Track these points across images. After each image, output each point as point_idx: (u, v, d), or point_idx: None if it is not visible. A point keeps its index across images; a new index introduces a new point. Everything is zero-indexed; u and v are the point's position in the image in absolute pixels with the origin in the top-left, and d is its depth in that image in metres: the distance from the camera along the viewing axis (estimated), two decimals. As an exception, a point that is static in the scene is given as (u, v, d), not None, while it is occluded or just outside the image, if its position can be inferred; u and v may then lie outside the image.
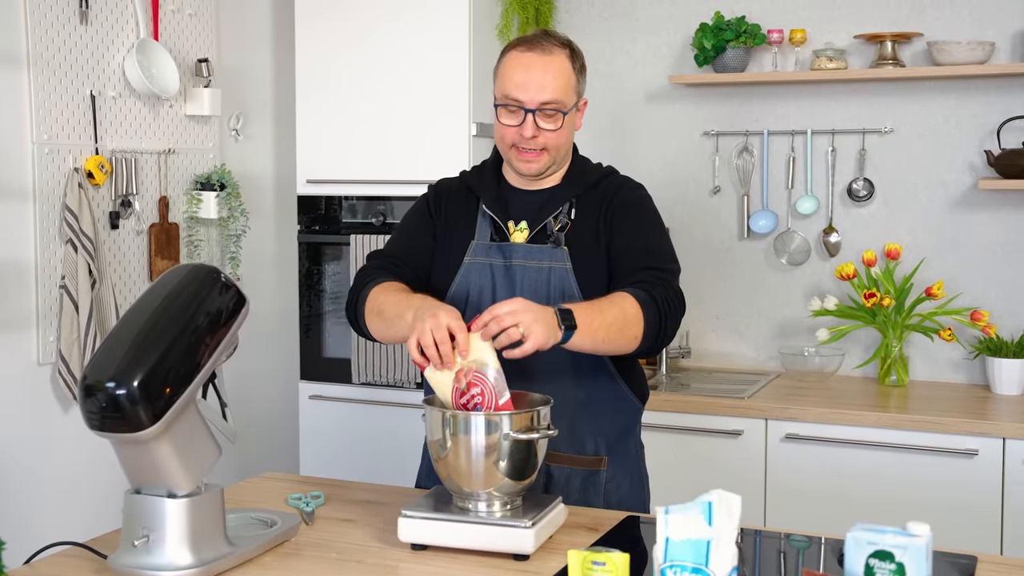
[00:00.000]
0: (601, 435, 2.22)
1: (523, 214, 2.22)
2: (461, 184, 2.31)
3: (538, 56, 2.14)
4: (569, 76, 2.16)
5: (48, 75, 3.21)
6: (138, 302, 1.78)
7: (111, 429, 1.68)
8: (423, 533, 1.87)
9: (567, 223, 2.20)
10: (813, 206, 3.69)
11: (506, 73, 2.16)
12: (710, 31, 3.65)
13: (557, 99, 2.13)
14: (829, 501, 3.15)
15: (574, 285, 2.16)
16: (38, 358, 3.22)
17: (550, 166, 2.20)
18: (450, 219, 2.27)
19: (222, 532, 1.80)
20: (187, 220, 3.69)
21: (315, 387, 3.82)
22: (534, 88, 2.11)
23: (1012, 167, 3.35)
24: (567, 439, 2.17)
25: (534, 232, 2.20)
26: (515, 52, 2.16)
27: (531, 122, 2.12)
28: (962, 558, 1.84)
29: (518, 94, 2.12)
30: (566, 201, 2.21)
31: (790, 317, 3.76)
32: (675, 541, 1.53)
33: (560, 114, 2.14)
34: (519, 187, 2.25)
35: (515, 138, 2.15)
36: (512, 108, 2.14)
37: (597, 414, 2.21)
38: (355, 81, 3.68)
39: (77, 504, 3.30)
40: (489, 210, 2.22)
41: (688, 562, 1.52)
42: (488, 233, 2.22)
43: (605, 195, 2.22)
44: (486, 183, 2.26)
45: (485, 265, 2.20)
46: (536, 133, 2.13)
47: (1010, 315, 3.51)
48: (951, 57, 3.39)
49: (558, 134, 2.15)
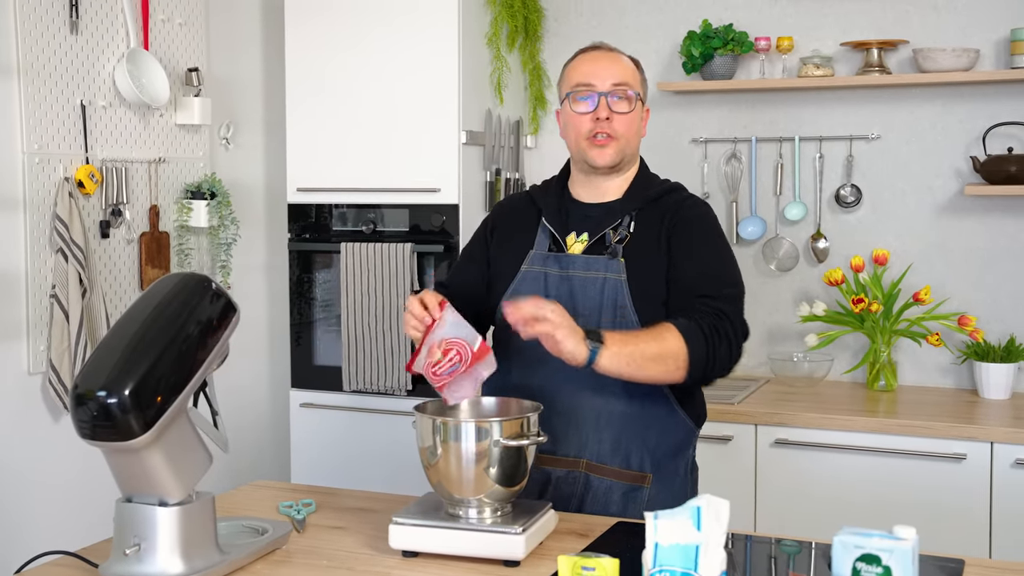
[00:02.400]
0: (648, 452, 2.20)
1: (584, 227, 2.23)
2: (526, 197, 2.35)
3: (604, 52, 2.24)
4: (634, 69, 2.24)
5: (38, 85, 3.21)
6: (129, 311, 1.79)
7: (102, 438, 1.68)
8: (414, 540, 1.88)
9: (627, 236, 2.19)
10: (801, 212, 3.71)
11: (575, 68, 2.23)
12: (698, 39, 3.67)
13: (627, 80, 2.19)
14: (819, 506, 3.17)
15: (627, 296, 2.15)
16: (28, 367, 3.22)
17: (621, 158, 2.20)
18: (509, 232, 2.30)
19: (213, 540, 1.81)
20: (178, 229, 3.70)
21: (306, 395, 3.82)
22: (604, 73, 2.18)
23: (998, 173, 3.37)
24: (610, 452, 2.17)
25: (592, 242, 2.20)
26: (580, 55, 2.25)
27: (604, 104, 2.16)
28: (950, 562, 1.85)
29: (589, 79, 2.18)
30: (627, 214, 2.21)
31: (779, 323, 3.78)
32: (664, 546, 1.54)
33: (632, 95, 2.19)
34: (582, 200, 2.26)
35: (589, 126, 2.17)
36: (583, 95, 2.18)
37: (646, 431, 2.19)
38: (345, 90, 3.69)
39: (68, 513, 3.29)
40: (549, 223, 2.24)
41: (677, 567, 1.53)
42: (547, 244, 2.24)
43: (667, 210, 2.21)
44: (550, 196, 2.29)
45: (540, 273, 2.21)
46: (610, 115, 2.16)
47: (997, 320, 3.53)
48: (937, 64, 3.42)
49: (629, 119, 2.19)
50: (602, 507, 2.17)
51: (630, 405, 2.16)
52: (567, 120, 2.23)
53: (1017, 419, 3.14)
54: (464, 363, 1.91)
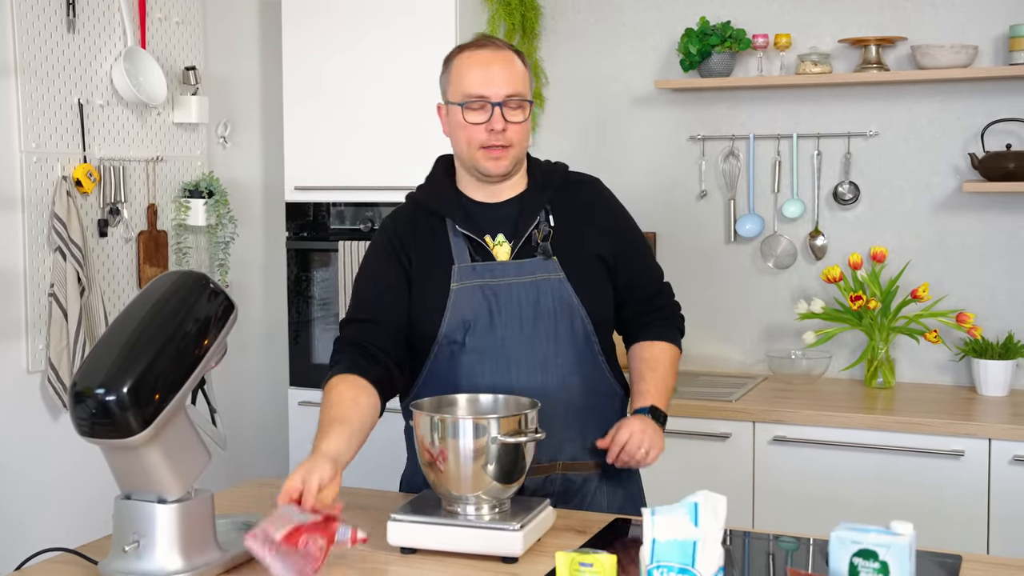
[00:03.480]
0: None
1: (497, 228, 2.15)
2: (417, 208, 2.21)
3: (492, 53, 2.13)
4: (524, 71, 2.15)
5: (36, 83, 3.21)
6: (127, 309, 1.79)
7: (101, 435, 1.68)
8: (412, 537, 1.88)
9: (550, 231, 2.17)
10: (799, 210, 3.71)
11: (464, 72, 2.12)
12: (695, 36, 3.67)
13: (520, 91, 2.12)
14: (817, 503, 3.17)
15: (572, 294, 2.14)
16: (27, 366, 3.22)
17: (515, 163, 2.16)
18: (418, 249, 2.16)
19: (212, 537, 1.81)
20: (175, 227, 3.70)
21: (304, 393, 3.82)
22: (498, 81, 2.09)
23: (996, 169, 3.38)
24: (580, 448, 2.18)
25: (518, 246, 2.14)
26: (466, 52, 2.14)
27: (499, 115, 2.09)
28: (947, 557, 1.85)
29: (482, 89, 2.09)
30: (541, 207, 2.18)
31: (777, 320, 3.78)
32: (661, 542, 1.54)
33: (526, 104, 2.13)
34: (484, 201, 2.19)
35: (483, 137, 2.10)
36: (476, 106, 2.10)
37: (603, 417, 2.20)
38: (342, 88, 3.70)
39: (67, 510, 3.30)
40: (463, 229, 2.14)
41: (675, 562, 1.54)
42: (467, 254, 2.14)
43: (577, 196, 2.23)
44: (448, 202, 2.18)
45: (475, 288, 2.11)
46: (505, 126, 2.10)
47: (995, 317, 3.53)
48: (935, 61, 3.42)
49: (523, 127, 2.13)
50: (588, 500, 2.18)
51: (589, 396, 2.19)
52: (457, 126, 2.13)
53: (1015, 416, 3.15)
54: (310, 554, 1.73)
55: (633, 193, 3.80)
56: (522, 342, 2.11)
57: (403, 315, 2.14)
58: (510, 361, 2.11)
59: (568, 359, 2.14)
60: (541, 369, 2.12)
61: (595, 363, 2.19)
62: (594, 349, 2.18)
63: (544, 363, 2.13)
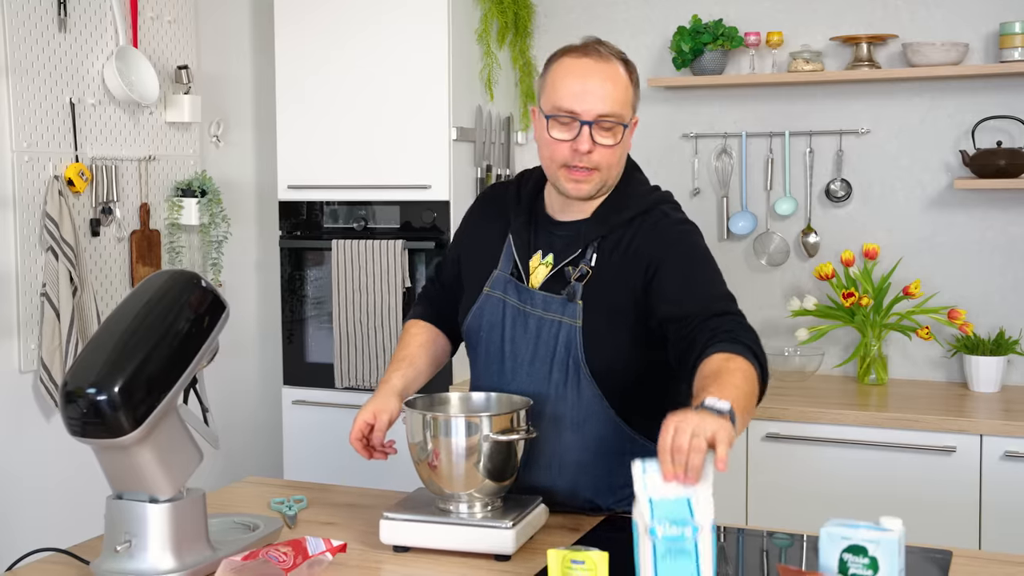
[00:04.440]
0: (610, 491, 2.08)
1: (550, 246, 2.06)
2: (512, 189, 2.16)
3: (595, 63, 1.95)
4: (627, 87, 1.98)
5: (27, 83, 3.21)
6: (118, 308, 1.78)
7: (92, 435, 1.68)
8: (405, 535, 1.89)
9: (587, 272, 2.01)
10: (791, 207, 3.71)
11: (559, 82, 1.96)
12: (688, 34, 3.68)
13: (616, 112, 1.94)
14: (810, 499, 3.18)
15: (579, 347, 2.00)
16: (19, 366, 3.22)
17: (600, 188, 2.01)
18: (481, 237, 2.17)
19: (204, 536, 1.81)
20: (168, 227, 3.70)
21: (298, 392, 3.82)
22: (592, 99, 1.93)
23: (987, 167, 3.39)
24: (568, 496, 2.07)
25: (552, 272, 2.04)
26: (568, 59, 1.98)
27: (587, 135, 1.93)
28: (937, 553, 1.86)
29: (574, 105, 1.93)
30: (590, 243, 2.02)
31: (770, 317, 3.78)
32: (658, 500, 1.53)
33: (620, 127, 1.96)
34: (552, 216, 2.09)
35: (567, 155, 1.95)
36: (565, 120, 1.95)
37: (607, 475, 2.06)
38: (335, 86, 3.69)
39: (59, 510, 3.30)
40: (514, 242, 2.08)
41: (676, 517, 1.52)
42: (511, 264, 2.08)
43: (643, 243, 1.99)
44: (522, 205, 2.11)
45: (500, 301, 2.07)
46: (592, 148, 1.94)
47: (986, 313, 3.54)
48: (926, 58, 3.43)
49: (613, 151, 1.96)
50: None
51: (583, 452, 2.04)
52: (543, 139, 2.00)
53: (1006, 412, 3.16)
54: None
55: (626, 191, 3.83)
56: (524, 371, 2.06)
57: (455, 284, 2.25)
58: (510, 384, 2.06)
59: (567, 407, 2.03)
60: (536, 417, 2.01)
61: (605, 417, 2.03)
62: (604, 404, 2.02)
63: (541, 402, 2.04)
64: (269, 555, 1.71)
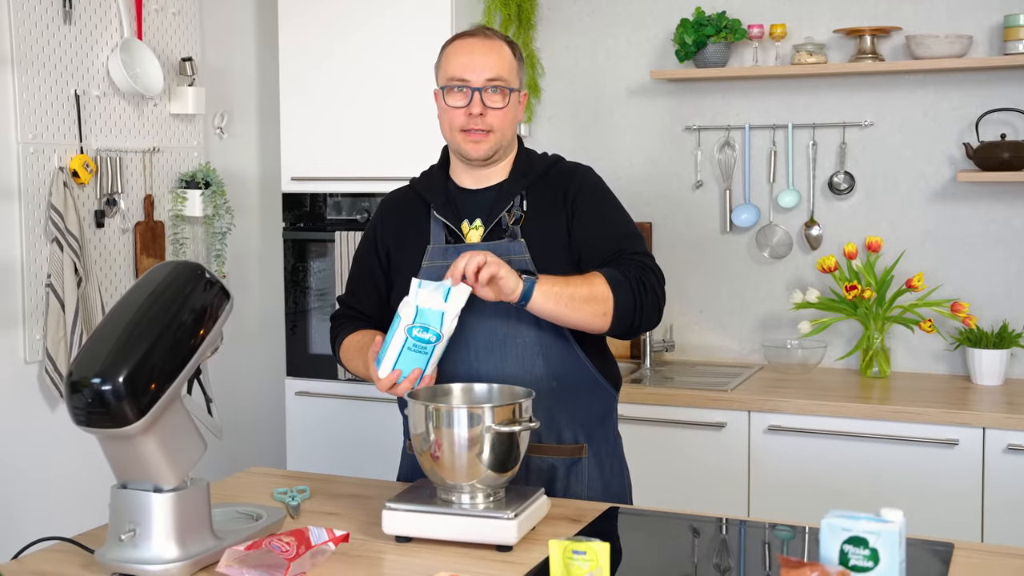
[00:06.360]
0: (579, 423, 2.23)
1: (476, 213, 2.22)
2: (410, 192, 2.32)
3: (480, 41, 2.19)
4: (511, 60, 2.20)
5: (32, 75, 3.21)
6: (122, 299, 1.79)
7: (97, 425, 1.69)
8: (407, 525, 1.89)
9: (521, 215, 2.20)
10: (795, 200, 3.71)
11: (450, 58, 2.19)
12: (691, 26, 3.67)
13: (502, 76, 2.16)
14: (812, 491, 3.18)
15: None
16: (25, 356, 3.23)
17: (496, 150, 2.20)
18: (402, 230, 2.28)
19: (208, 526, 1.82)
20: (172, 218, 3.71)
21: (301, 383, 3.83)
22: (479, 67, 2.15)
23: (991, 159, 3.38)
24: (545, 429, 2.18)
25: (489, 229, 2.20)
26: (458, 40, 2.22)
27: (478, 100, 2.15)
28: (939, 545, 1.86)
29: (464, 74, 2.16)
30: (516, 194, 2.21)
31: (773, 310, 3.79)
32: (423, 308, 1.96)
33: (507, 91, 2.17)
34: (469, 187, 2.25)
35: (463, 120, 2.16)
36: (458, 89, 2.16)
37: (574, 402, 2.21)
38: (339, 78, 3.70)
39: (64, 500, 3.31)
40: (440, 215, 2.22)
41: (429, 325, 1.95)
42: (443, 237, 2.22)
43: (559, 183, 2.23)
44: (435, 188, 2.27)
45: (443, 267, 2.13)
46: (483, 111, 2.15)
47: (989, 306, 3.54)
48: (929, 51, 3.42)
49: (504, 113, 2.17)
50: (548, 486, 2.18)
51: (554, 379, 2.18)
52: (441, 110, 2.22)
53: (1009, 405, 3.16)
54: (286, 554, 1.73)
55: (629, 183, 3.83)
56: (482, 322, 2.14)
57: (380, 294, 2.30)
58: (469, 341, 2.15)
59: (530, 340, 2.16)
60: (500, 348, 2.15)
61: (565, 347, 2.18)
62: (563, 333, 2.16)
63: (503, 343, 2.15)
64: (272, 545, 1.72)
